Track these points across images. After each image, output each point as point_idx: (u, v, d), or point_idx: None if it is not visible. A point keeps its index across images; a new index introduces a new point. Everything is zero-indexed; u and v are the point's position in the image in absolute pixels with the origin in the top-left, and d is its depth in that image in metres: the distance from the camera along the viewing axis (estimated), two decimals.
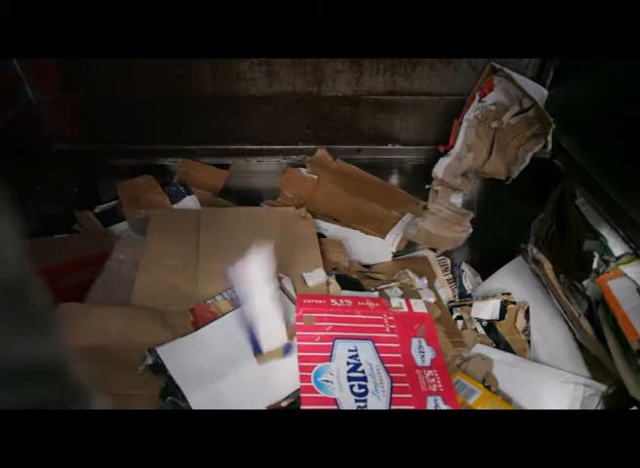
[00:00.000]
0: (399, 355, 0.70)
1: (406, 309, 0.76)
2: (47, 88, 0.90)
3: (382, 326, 0.72)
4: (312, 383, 0.63)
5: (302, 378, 0.64)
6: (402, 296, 0.82)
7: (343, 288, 0.79)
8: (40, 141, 0.95)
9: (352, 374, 0.65)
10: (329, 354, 0.67)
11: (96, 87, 0.91)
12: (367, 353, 0.69)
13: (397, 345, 0.71)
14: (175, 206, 0.96)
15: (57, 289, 0.75)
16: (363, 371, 0.66)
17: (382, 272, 0.93)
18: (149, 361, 0.63)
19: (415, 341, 0.72)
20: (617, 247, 0.73)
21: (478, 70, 0.92)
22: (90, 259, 0.82)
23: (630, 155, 0.72)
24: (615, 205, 0.74)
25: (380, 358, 0.68)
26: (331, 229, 0.97)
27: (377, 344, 0.70)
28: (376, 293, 0.81)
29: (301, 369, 0.65)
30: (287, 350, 0.67)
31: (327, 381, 0.64)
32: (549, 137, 0.88)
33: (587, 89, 0.84)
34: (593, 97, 0.82)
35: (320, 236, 0.94)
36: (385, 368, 0.67)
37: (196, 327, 0.69)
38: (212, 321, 0.70)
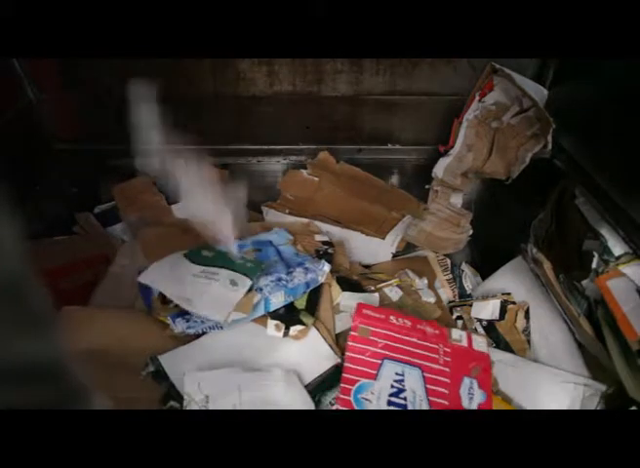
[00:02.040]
0: (446, 391, 0.66)
1: (465, 344, 0.71)
2: (47, 88, 0.90)
3: (436, 356, 0.69)
4: (351, 398, 0.62)
5: (343, 390, 0.62)
6: (462, 328, 0.80)
7: (344, 290, 0.79)
8: (40, 141, 0.94)
9: (393, 399, 0.63)
10: (375, 372, 0.65)
11: (96, 87, 0.91)
12: (414, 380, 0.65)
13: (447, 380, 0.67)
14: (174, 206, 0.96)
15: (57, 290, 0.75)
16: (405, 399, 0.63)
17: (383, 272, 0.93)
18: (151, 368, 0.63)
19: (466, 381, 0.68)
20: (616, 246, 0.73)
21: (478, 70, 0.92)
22: (90, 261, 0.82)
23: (630, 155, 0.72)
24: (615, 205, 0.74)
25: (426, 389, 0.65)
26: (331, 231, 0.97)
27: (425, 374, 0.66)
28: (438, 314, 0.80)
29: (344, 380, 0.63)
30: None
31: (366, 399, 0.62)
32: (549, 137, 0.88)
33: (587, 89, 0.84)
34: (593, 97, 0.82)
35: None
36: (429, 400, 0.64)
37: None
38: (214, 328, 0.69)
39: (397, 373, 0.66)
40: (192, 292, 0.67)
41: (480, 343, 0.72)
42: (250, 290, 0.69)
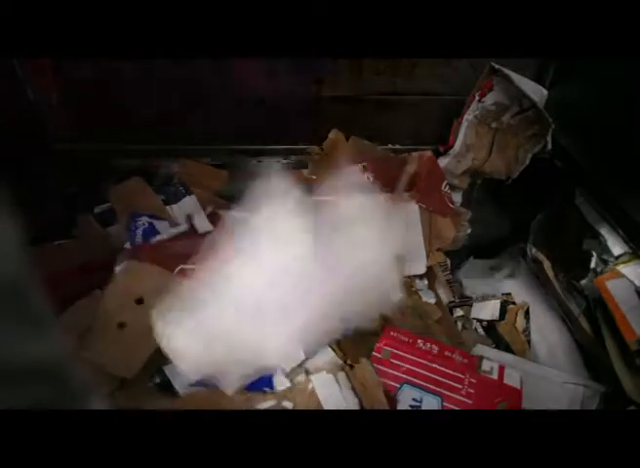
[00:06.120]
0: None
1: (496, 376, 0.67)
2: (47, 88, 0.90)
3: (460, 386, 0.65)
4: None
5: None
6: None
7: None
8: (40, 141, 0.94)
9: None
10: (392, 396, 0.64)
11: (95, 87, 0.91)
12: (431, 408, 0.63)
13: None
14: (174, 206, 0.95)
15: (57, 296, 0.75)
16: None
17: None
18: (157, 380, 0.64)
19: None
20: (616, 246, 0.73)
21: (478, 70, 0.92)
22: (92, 266, 0.81)
23: (630, 155, 0.72)
24: (614, 205, 0.74)
25: None
26: None
27: (445, 404, 0.64)
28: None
29: None
30: None
31: None
32: (549, 138, 0.88)
33: (587, 89, 0.85)
34: (593, 97, 0.82)
35: None
36: None
37: None
38: None
39: (414, 399, 0.64)
40: None
41: (513, 378, 0.67)
42: None
